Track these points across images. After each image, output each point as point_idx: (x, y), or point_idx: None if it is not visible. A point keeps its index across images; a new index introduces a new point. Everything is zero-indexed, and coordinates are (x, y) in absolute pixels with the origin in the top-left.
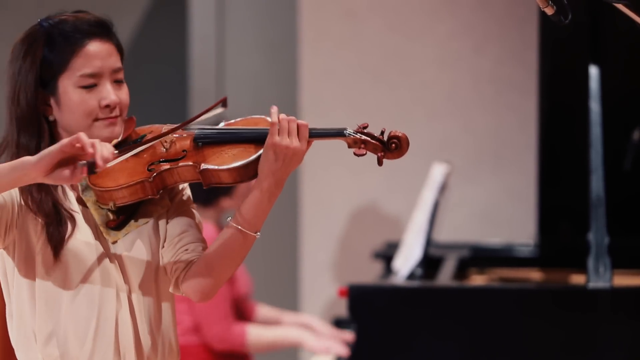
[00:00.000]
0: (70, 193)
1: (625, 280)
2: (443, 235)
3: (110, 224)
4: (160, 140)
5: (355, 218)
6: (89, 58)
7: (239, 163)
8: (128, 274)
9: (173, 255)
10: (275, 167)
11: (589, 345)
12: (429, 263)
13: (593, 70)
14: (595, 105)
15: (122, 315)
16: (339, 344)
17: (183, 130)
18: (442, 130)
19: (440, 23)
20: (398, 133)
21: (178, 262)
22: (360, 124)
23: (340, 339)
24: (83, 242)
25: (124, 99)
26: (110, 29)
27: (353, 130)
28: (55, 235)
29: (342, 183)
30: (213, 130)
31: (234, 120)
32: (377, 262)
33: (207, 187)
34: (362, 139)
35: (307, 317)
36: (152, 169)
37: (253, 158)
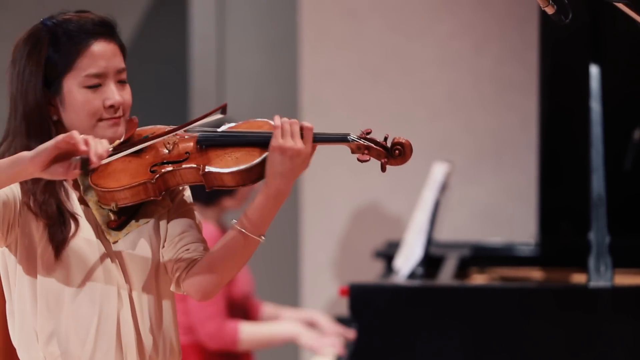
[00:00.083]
0: (73, 193)
1: (626, 280)
2: (444, 235)
3: (112, 224)
4: (163, 142)
5: (356, 217)
6: (94, 58)
7: (242, 166)
8: (129, 273)
9: (174, 255)
10: (282, 169)
11: (590, 345)
12: (430, 262)
13: (594, 70)
14: (596, 105)
15: (123, 314)
16: (337, 343)
17: (185, 133)
18: (442, 130)
19: (441, 23)
20: (401, 139)
21: (180, 260)
22: (364, 130)
23: (343, 336)
24: (85, 241)
25: (128, 100)
26: (114, 29)
27: (356, 136)
28: (58, 236)
29: (342, 182)
30: (216, 133)
31: (236, 123)
32: (378, 261)
33: (209, 189)
34: (365, 145)
35: (311, 312)
36: (154, 171)
37: (256, 162)
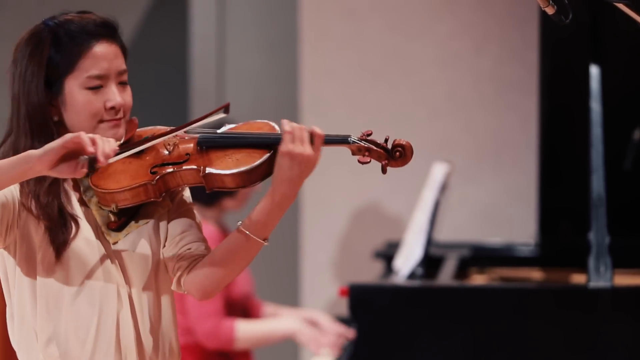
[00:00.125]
0: (73, 194)
1: (626, 280)
2: (444, 235)
3: (112, 226)
4: (163, 143)
5: (356, 218)
6: (96, 59)
7: (243, 168)
8: (129, 274)
9: (176, 253)
10: (290, 174)
11: (590, 345)
12: (430, 262)
13: (594, 70)
14: (596, 105)
15: (123, 315)
16: (336, 341)
17: (185, 134)
18: (442, 130)
19: (441, 23)
20: (402, 141)
21: (181, 259)
22: (364, 132)
23: (343, 336)
24: (84, 242)
25: (128, 101)
26: (116, 30)
27: (357, 138)
28: (59, 238)
29: (342, 183)
30: (217, 134)
31: (236, 125)
32: (377, 261)
33: (210, 191)
34: (366, 147)
35: (312, 312)
36: (155, 172)
37: (257, 163)
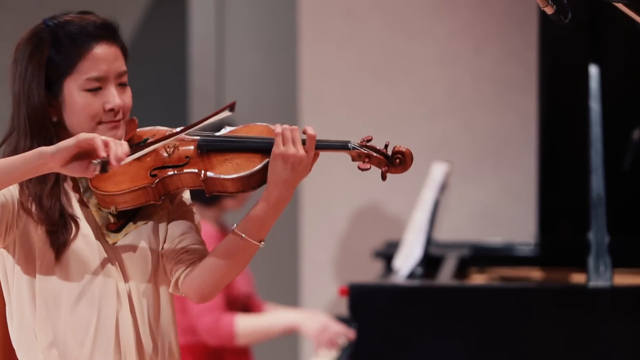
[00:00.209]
0: (72, 195)
1: (626, 280)
2: (443, 235)
3: (111, 227)
4: (163, 145)
5: (356, 217)
6: (96, 61)
7: (243, 173)
8: (128, 274)
9: (174, 257)
10: (284, 176)
11: (589, 344)
12: (429, 262)
13: (593, 70)
14: (595, 105)
15: (122, 315)
16: (339, 336)
17: (185, 135)
18: (442, 130)
19: (440, 23)
20: (402, 148)
21: (179, 263)
22: (364, 137)
23: (344, 336)
24: (84, 242)
25: (128, 103)
26: (116, 31)
27: (357, 144)
28: (59, 239)
29: (342, 183)
30: (217, 138)
31: (236, 127)
32: (377, 261)
33: (209, 194)
34: (366, 153)
35: (312, 311)
36: (154, 175)
37: (257, 168)
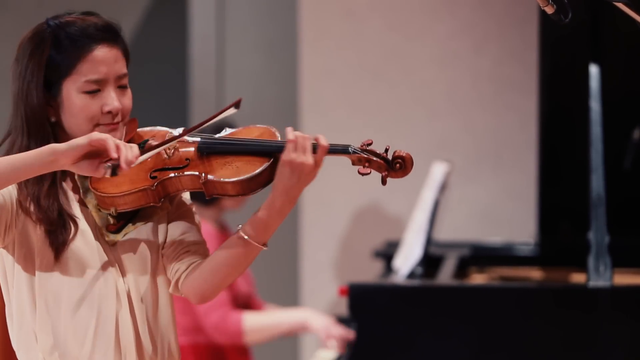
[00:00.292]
0: (72, 195)
1: (626, 279)
2: (443, 234)
3: (110, 228)
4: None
5: (356, 217)
6: (95, 64)
7: (243, 177)
8: (127, 274)
9: (174, 257)
10: (290, 183)
11: (589, 344)
12: (429, 262)
13: (593, 70)
14: (596, 105)
15: (122, 315)
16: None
17: (185, 137)
18: (442, 130)
19: (440, 22)
20: (402, 153)
21: (179, 263)
22: (364, 141)
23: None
24: (83, 242)
25: (127, 105)
26: (118, 34)
27: (358, 148)
28: (58, 239)
29: (342, 182)
30: (217, 140)
31: (236, 129)
32: (377, 261)
33: (209, 197)
34: (366, 158)
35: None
36: (154, 177)
37: (257, 172)
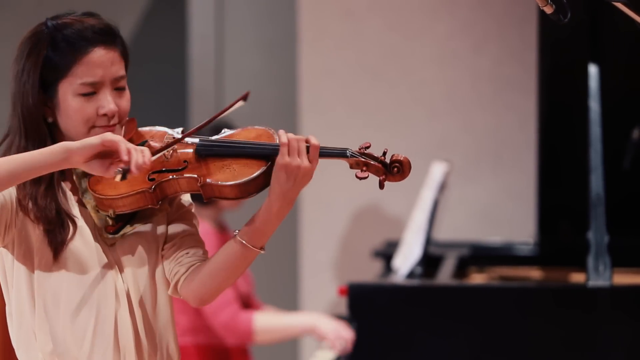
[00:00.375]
0: (71, 196)
1: (625, 279)
2: (443, 234)
3: (109, 229)
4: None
5: (355, 217)
6: (91, 66)
7: (241, 180)
8: (127, 275)
9: (173, 259)
10: (287, 187)
11: (589, 344)
12: (429, 262)
13: (593, 70)
14: (595, 105)
15: (121, 315)
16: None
17: (185, 138)
18: (441, 130)
19: (440, 22)
20: (400, 157)
21: (178, 265)
22: (362, 144)
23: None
24: (82, 242)
25: (123, 107)
26: (116, 36)
27: (356, 151)
28: (56, 239)
29: (342, 182)
30: (215, 143)
31: (234, 131)
32: (377, 260)
33: (207, 200)
34: (364, 161)
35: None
36: (152, 179)
37: (255, 175)
